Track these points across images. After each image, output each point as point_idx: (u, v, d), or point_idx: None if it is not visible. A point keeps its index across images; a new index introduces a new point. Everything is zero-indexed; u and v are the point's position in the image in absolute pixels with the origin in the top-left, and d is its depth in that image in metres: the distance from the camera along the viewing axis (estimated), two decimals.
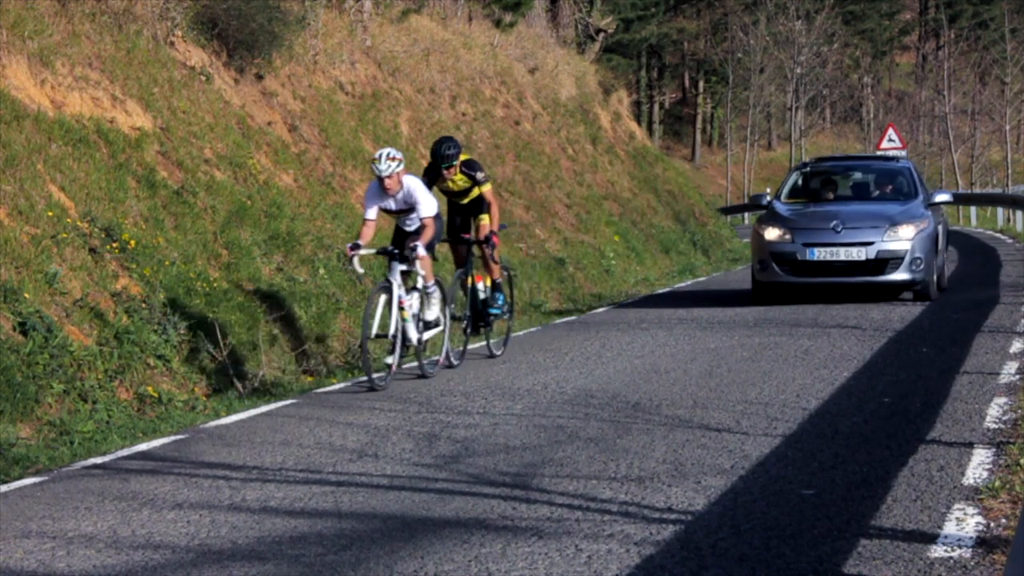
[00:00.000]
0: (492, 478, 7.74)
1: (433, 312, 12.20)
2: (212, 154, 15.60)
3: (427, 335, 12.26)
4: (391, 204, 12.08)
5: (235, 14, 17.69)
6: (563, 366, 12.52)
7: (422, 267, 11.90)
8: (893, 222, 16.93)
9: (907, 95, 75.00)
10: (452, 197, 13.16)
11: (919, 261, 16.71)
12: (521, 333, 16.18)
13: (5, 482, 8.25)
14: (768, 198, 18.64)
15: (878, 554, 5.97)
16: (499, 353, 13.48)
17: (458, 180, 12.80)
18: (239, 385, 11.82)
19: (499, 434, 9.12)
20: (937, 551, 6.00)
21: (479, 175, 12.79)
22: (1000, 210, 42.87)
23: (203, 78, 16.88)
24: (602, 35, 41.03)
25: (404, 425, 9.66)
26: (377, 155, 11.90)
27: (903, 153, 34.40)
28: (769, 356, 12.48)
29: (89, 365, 10.75)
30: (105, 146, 13.67)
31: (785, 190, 18.97)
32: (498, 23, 30.83)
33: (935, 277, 17.32)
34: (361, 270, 12.20)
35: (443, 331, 12.47)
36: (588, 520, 6.69)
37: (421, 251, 11.76)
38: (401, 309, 11.72)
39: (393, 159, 11.79)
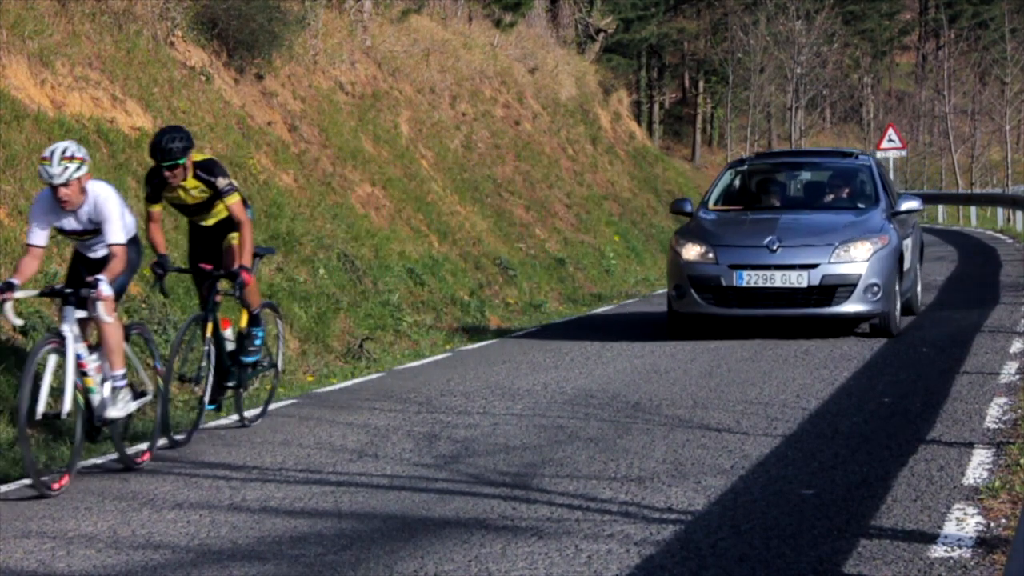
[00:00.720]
0: (492, 478, 7.74)
1: (119, 408, 8.51)
2: (212, 154, 15.60)
3: (127, 409, 8.60)
4: (71, 223, 8.46)
5: (235, 14, 17.70)
6: (563, 366, 12.51)
7: (105, 312, 8.24)
8: (844, 238, 13.55)
9: (907, 95, 74.97)
10: (189, 215, 9.68)
11: (876, 288, 13.36)
12: (521, 333, 16.17)
13: (5, 482, 8.25)
14: (691, 205, 14.95)
15: (878, 554, 5.97)
16: (255, 421, 10.05)
17: (191, 188, 9.30)
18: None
19: (499, 434, 9.12)
20: (937, 551, 6.01)
21: (220, 181, 9.23)
22: (1000, 210, 42.87)
23: (203, 78, 16.88)
24: (602, 35, 41.06)
25: (404, 425, 9.66)
26: (47, 152, 8.18)
27: (903, 153, 34.32)
28: (769, 356, 12.48)
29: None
30: (105, 146, 13.67)
31: (714, 194, 15.23)
32: (498, 23, 30.85)
33: (899, 306, 13.96)
34: (18, 320, 8.57)
35: (149, 400, 9.04)
36: (588, 520, 6.69)
37: (105, 289, 8.13)
38: (84, 374, 8.21)
39: (72, 159, 8.13)
